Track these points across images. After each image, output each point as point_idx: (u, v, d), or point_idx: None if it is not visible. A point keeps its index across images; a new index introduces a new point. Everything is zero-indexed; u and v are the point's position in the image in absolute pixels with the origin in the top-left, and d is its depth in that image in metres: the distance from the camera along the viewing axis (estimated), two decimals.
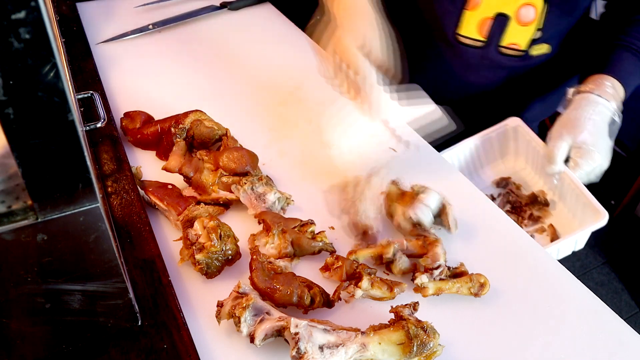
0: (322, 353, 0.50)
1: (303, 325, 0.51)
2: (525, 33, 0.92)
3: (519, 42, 0.93)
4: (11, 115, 0.34)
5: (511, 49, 0.94)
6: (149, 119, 0.85)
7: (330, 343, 0.51)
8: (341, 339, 0.51)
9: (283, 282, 0.58)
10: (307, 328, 0.51)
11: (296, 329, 0.51)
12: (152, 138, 0.81)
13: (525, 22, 0.90)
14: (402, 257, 0.63)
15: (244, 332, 0.53)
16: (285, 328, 0.52)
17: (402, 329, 0.52)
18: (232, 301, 0.55)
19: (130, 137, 0.83)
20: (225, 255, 0.62)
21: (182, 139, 0.78)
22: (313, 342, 0.51)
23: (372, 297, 0.60)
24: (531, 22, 0.90)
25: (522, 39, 0.92)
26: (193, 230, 0.63)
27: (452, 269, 0.62)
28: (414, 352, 0.51)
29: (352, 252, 0.65)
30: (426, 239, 0.65)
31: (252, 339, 0.52)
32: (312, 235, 0.65)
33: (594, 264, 2.01)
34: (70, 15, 1.13)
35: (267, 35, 1.16)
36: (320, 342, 0.51)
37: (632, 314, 1.86)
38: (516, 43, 0.93)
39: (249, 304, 0.53)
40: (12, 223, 0.39)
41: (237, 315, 0.53)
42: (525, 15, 0.90)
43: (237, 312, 0.53)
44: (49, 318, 0.47)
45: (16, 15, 0.31)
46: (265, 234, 0.66)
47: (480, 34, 0.94)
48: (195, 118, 0.79)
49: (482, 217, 0.74)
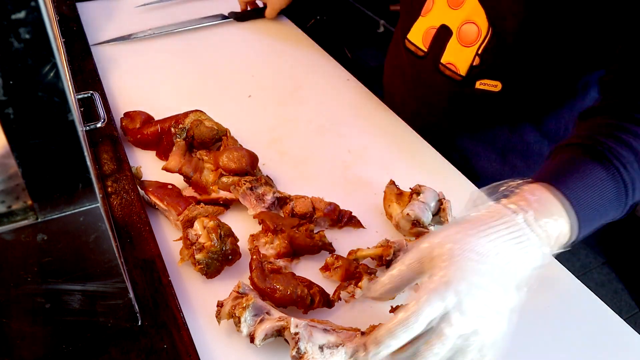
0: (322, 353, 0.50)
1: (303, 325, 0.51)
2: (464, 55, 0.80)
3: (457, 64, 0.82)
4: (11, 115, 0.34)
5: (450, 69, 0.83)
6: (149, 119, 0.85)
7: (331, 343, 0.51)
8: (341, 339, 0.51)
9: (283, 282, 0.58)
10: (307, 328, 0.51)
11: (296, 328, 0.51)
12: (152, 138, 0.81)
13: (465, 42, 0.79)
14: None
15: (244, 332, 0.53)
16: (285, 328, 0.52)
17: None
18: (232, 301, 0.55)
19: (130, 137, 0.83)
20: (225, 255, 0.62)
21: (182, 139, 0.78)
22: (313, 342, 0.51)
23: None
24: (471, 43, 0.79)
25: (461, 61, 0.81)
26: (193, 230, 0.63)
27: None
28: None
29: (353, 252, 0.65)
30: None
31: (252, 339, 0.52)
32: (312, 235, 0.66)
33: (594, 264, 2.01)
34: (70, 15, 1.13)
35: (267, 36, 1.16)
36: (321, 342, 0.51)
37: (632, 314, 1.86)
38: (455, 64, 0.82)
39: (249, 304, 0.53)
40: (12, 223, 0.39)
41: (237, 315, 0.53)
42: (466, 34, 0.79)
43: (237, 312, 0.53)
44: (49, 318, 0.47)
45: (16, 15, 0.31)
46: (264, 234, 0.66)
47: (424, 44, 0.86)
48: (195, 118, 0.79)
49: None
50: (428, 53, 0.86)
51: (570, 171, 0.53)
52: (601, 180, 0.52)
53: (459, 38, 0.80)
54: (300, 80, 1.01)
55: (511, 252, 0.47)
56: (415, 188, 0.69)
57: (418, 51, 0.88)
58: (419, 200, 0.67)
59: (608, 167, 0.53)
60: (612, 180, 0.52)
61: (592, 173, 0.53)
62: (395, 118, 0.93)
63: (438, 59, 0.84)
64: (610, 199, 0.53)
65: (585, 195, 0.51)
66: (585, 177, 0.52)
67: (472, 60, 0.80)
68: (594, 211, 0.52)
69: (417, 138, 0.88)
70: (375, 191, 0.76)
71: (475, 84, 0.81)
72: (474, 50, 0.79)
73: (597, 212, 0.52)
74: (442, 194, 0.70)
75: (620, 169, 0.53)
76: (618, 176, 0.53)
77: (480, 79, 0.81)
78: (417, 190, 0.69)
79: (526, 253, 0.48)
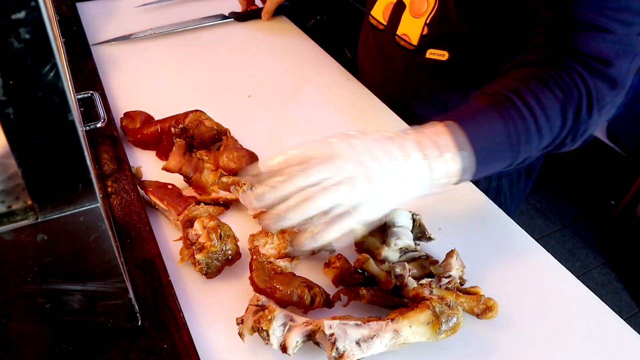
0: (360, 348, 0.50)
1: (336, 325, 0.51)
2: (416, 26, 0.89)
3: (410, 35, 0.90)
4: (11, 115, 0.34)
5: (404, 40, 0.91)
6: (149, 118, 0.85)
7: (365, 336, 0.51)
8: (374, 330, 0.51)
9: (283, 282, 0.58)
10: (340, 327, 0.51)
11: (331, 329, 0.50)
12: (152, 138, 0.81)
13: (416, 14, 0.88)
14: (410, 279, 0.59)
15: (275, 344, 0.52)
16: (316, 331, 0.51)
17: (427, 309, 0.52)
18: (253, 315, 0.53)
19: (130, 137, 0.83)
20: (225, 255, 0.61)
21: (182, 139, 0.78)
22: (349, 339, 0.50)
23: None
24: (421, 15, 0.87)
25: (413, 31, 0.89)
26: (193, 230, 0.63)
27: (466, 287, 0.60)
28: (442, 329, 0.52)
29: (361, 260, 0.62)
30: (428, 258, 0.63)
31: (284, 349, 0.51)
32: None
33: (594, 264, 2.01)
34: (70, 15, 1.13)
35: (267, 36, 1.16)
36: (356, 338, 0.50)
37: (632, 314, 1.86)
38: (408, 35, 0.90)
39: (274, 316, 0.52)
40: (12, 223, 0.39)
41: (265, 329, 0.52)
42: (417, 6, 0.88)
43: (264, 326, 0.52)
44: (49, 318, 0.47)
45: (16, 15, 0.31)
46: (264, 235, 0.65)
47: (384, 18, 0.94)
48: (195, 118, 0.79)
49: (481, 216, 0.74)
50: (387, 26, 0.94)
51: (469, 114, 0.60)
52: (494, 123, 0.58)
53: (411, 10, 0.89)
54: (300, 80, 1.01)
55: (399, 169, 0.54)
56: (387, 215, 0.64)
57: (379, 25, 0.96)
58: (395, 226, 0.64)
59: (503, 113, 0.59)
60: (504, 125, 0.58)
61: (487, 116, 0.59)
62: (395, 118, 0.93)
63: (394, 31, 0.92)
64: (501, 142, 0.58)
65: (478, 134, 0.57)
66: (482, 120, 0.59)
67: (422, 30, 0.87)
68: (484, 151, 0.57)
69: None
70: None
71: (426, 54, 0.88)
72: (423, 21, 0.87)
73: (487, 152, 0.58)
74: (410, 210, 0.66)
75: (516, 119, 0.58)
76: (511, 123, 0.58)
77: (430, 49, 0.88)
78: (387, 215, 0.64)
79: (414, 176, 0.55)
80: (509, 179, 0.97)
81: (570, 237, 2.12)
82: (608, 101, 0.63)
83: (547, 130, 0.60)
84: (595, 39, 0.62)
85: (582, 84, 0.61)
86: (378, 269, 0.61)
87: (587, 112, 0.61)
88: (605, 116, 0.65)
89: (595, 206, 2.26)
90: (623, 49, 0.62)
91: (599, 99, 0.61)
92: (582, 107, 0.61)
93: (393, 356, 0.55)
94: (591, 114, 0.61)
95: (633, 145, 2.08)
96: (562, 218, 2.22)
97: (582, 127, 0.62)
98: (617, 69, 0.62)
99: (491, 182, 0.95)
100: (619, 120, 2.08)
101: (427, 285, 0.56)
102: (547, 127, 0.60)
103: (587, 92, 0.61)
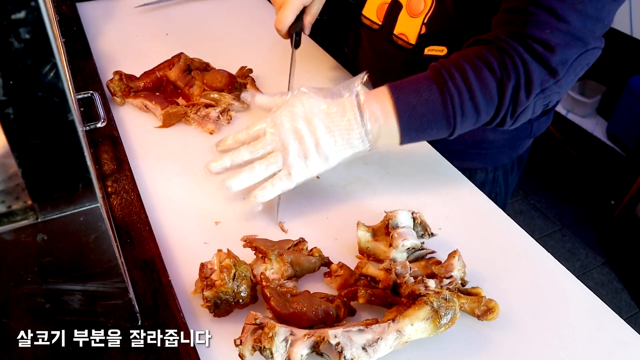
0: (366, 353, 0.50)
1: (341, 333, 0.50)
2: (413, 25, 0.89)
3: (408, 34, 0.90)
4: (11, 115, 0.34)
5: (402, 39, 0.91)
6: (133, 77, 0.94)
7: (370, 341, 0.50)
8: (378, 333, 0.51)
9: (304, 302, 0.55)
10: (344, 334, 0.50)
11: (336, 339, 0.50)
12: (154, 85, 0.93)
13: (413, 14, 0.88)
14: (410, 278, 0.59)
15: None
16: (319, 342, 0.50)
17: (426, 305, 0.52)
18: (252, 335, 0.51)
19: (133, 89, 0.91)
20: (237, 298, 0.57)
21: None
22: (355, 346, 0.50)
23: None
24: (419, 14, 0.87)
25: (410, 31, 0.89)
26: (210, 264, 0.59)
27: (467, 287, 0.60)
28: (442, 323, 0.52)
29: (361, 265, 0.62)
30: (430, 259, 0.63)
31: None
32: (309, 253, 0.63)
33: (594, 264, 2.01)
34: (70, 15, 1.13)
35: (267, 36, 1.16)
36: (362, 343, 0.50)
37: (632, 314, 1.86)
38: (406, 34, 0.90)
39: (275, 332, 0.51)
40: (12, 223, 0.39)
41: (267, 347, 0.50)
42: (414, 6, 0.88)
43: (266, 344, 0.50)
44: (49, 318, 0.47)
45: (16, 15, 0.31)
46: (261, 261, 0.62)
47: (378, 18, 0.94)
48: (185, 57, 0.96)
49: (481, 216, 0.74)
50: (383, 26, 0.94)
51: (409, 83, 0.68)
52: (431, 94, 0.66)
53: (408, 10, 0.89)
54: (300, 80, 1.01)
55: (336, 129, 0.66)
56: (388, 216, 0.64)
57: (373, 25, 0.96)
58: (398, 227, 0.63)
59: (442, 87, 0.66)
60: (441, 98, 0.66)
61: (425, 88, 0.67)
62: None
63: (391, 31, 0.92)
64: (437, 113, 0.66)
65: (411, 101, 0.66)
66: (419, 90, 0.67)
67: (419, 29, 0.88)
68: (417, 117, 0.67)
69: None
70: (375, 191, 0.77)
71: (424, 51, 0.88)
72: (421, 20, 0.87)
73: (418, 119, 0.67)
74: (410, 209, 0.66)
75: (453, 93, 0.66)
76: (447, 97, 0.66)
77: (428, 46, 0.88)
78: (389, 218, 0.64)
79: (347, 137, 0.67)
80: (504, 170, 0.99)
81: (570, 237, 2.12)
82: (547, 87, 0.67)
83: (483, 107, 0.67)
84: (548, 25, 0.64)
85: (522, 67, 0.65)
86: (377, 270, 0.61)
87: (526, 94, 0.66)
88: (546, 101, 0.70)
89: (595, 206, 2.26)
90: (572, 40, 0.65)
91: (537, 83, 0.65)
92: (521, 88, 0.66)
93: (393, 357, 0.55)
94: (529, 96, 0.66)
95: (633, 145, 2.08)
96: (562, 218, 2.22)
97: (520, 108, 0.67)
98: (560, 58, 0.65)
99: (487, 174, 0.98)
100: (619, 120, 2.08)
101: (421, 281, 0.56)
102: (484, 103, 0.66)
103: (525, 75, 0.65)
